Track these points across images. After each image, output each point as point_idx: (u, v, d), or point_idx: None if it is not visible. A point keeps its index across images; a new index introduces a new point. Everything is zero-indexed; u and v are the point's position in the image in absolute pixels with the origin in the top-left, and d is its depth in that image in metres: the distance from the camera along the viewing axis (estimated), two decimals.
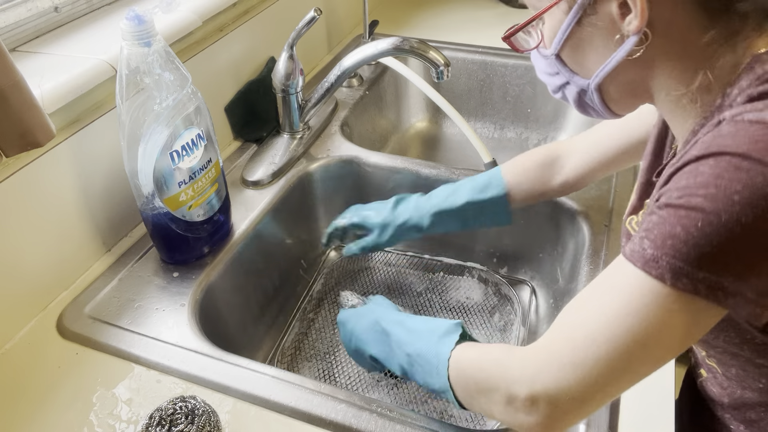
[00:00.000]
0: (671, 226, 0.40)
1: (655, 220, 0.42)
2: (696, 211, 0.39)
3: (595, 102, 0.53)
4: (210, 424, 0.56)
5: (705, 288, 0.39)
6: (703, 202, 0.39)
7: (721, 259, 0.39)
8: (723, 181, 0.38)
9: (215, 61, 0.94)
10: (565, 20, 0.49)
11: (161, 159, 0.68)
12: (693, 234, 0.39)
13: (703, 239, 0.39)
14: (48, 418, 0.60)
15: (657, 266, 0.40)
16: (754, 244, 0.38)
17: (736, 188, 0.38)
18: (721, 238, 0.38)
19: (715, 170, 0.39)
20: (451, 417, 0.77)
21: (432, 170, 0.95)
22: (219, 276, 0.78)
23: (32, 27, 0.77)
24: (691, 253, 0.39)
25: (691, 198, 0.39)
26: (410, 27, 1.42)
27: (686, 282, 0.39)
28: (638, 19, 0.44)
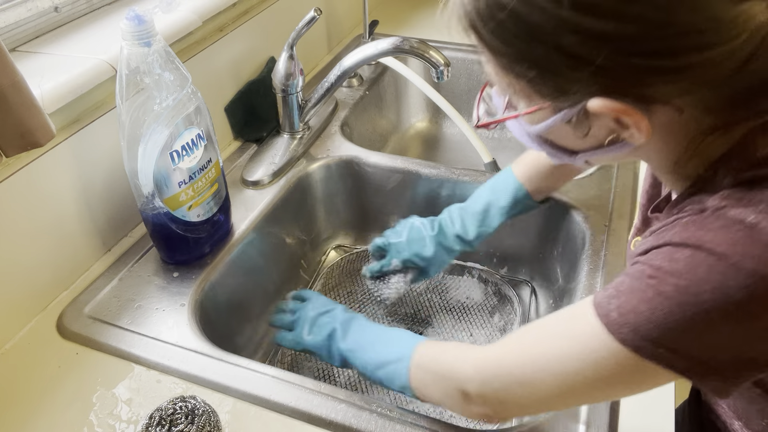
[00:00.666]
0: (638, 301, 0.41)
1: (626, 285, 0.42)
2: (664, 297, 0.39)
3: (578, 164, 0.52)
4: (210, 424, 0.56)
5: (663, 360, 0.40)
6: (672, 291, 0.39)
7: (682, 344, 0.40)
8: (695, 277, 0.39)
9: (215, 61, 0.94)
10: (549, 119, 0.46)
11: (161, 159, 0.68)
12: (658, 317, 0.40)
13: (666, 325, 0.39)
14: (48, 418, 0.60)
15: (619, 331, 0.41)
16: (717, 340, 0.39)
17: (707, 288, 0.38)
18: (684, 329, 0.39)
19: (690, 263, 0.39)
20: (451, 417, 0.77)
21: (432, 170, 0.95)
22: (219, 276, 0.78)
23: (32, 27, 0.77)
24: (653, 333, 0.40)
25: (662, 283, 0.40)
26: (410, 27, 1.42)
27: (644, 351, 0.40)
28: (642, 135, 0.42)
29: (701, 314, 0.38)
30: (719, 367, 0.40)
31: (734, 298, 0.37)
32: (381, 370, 0.62)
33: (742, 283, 0.37)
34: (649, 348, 0.40)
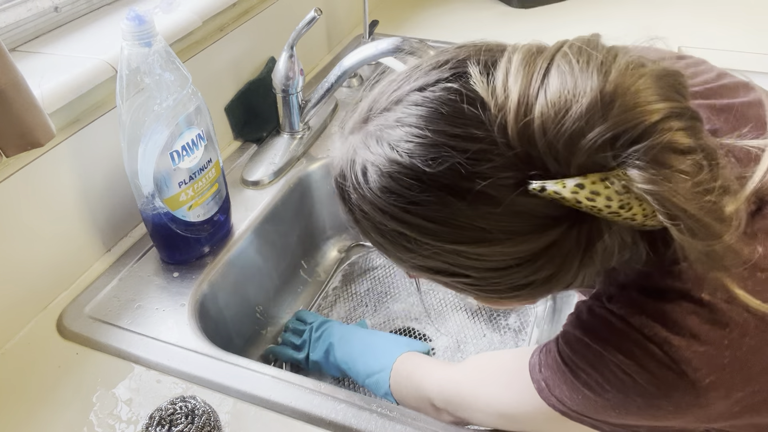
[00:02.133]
0: (560, 382, 0.47)
1: (551, 361, 0.48)
2: (580, 384, 0.45)
3: None
4: (210, 424, 0.56)
5: (588, 423, 0.48)
6: (584, 382, 0.45)
7: (601, 417, 0.46)
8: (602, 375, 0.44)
9: (215, 61, 0.94)
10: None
11: (161, 159, 0.68)
12: (576, 400, 0.46)
13: (585, 407, 0.46)
14: (48, 418, 0.60)
15: (548, 400, 0.48)
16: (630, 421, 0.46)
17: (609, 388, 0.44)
18: (602, 408, 0.45)
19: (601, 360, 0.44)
20: None
21: None
22: (219, 276, 0.78)
23: (32, 27, 0.77)
24: (574, 408, 0.47)
25: (578, 374, 0.45)
26: (410, 27, 1.42)
27: (570, 416, 0.48)
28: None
29: (609, 405, 0.45)
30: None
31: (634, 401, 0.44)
32: (369, 378, 0.72)
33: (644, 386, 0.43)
34: (575, 416, 0.47)
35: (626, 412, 0.44)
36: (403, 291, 0.97)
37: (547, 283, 0.40)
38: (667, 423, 0.45)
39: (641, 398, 0.43)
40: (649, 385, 0.42)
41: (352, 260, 1.03)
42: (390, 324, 0.92)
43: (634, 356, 0.42)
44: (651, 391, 0.42)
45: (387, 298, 0.96)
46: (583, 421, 0.47)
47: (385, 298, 0.96)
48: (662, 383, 0.42)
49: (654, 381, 0.42)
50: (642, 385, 0.42)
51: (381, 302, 0.95)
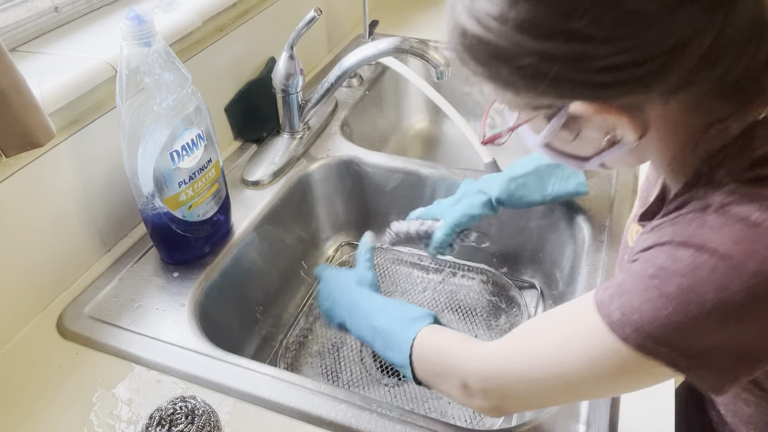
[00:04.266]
0: (641, 301, 0.41)
1: (627, 284, 0.42)
2: (667, 297, 0.40)
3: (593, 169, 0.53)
4: (210, 424, 0.56)
5: (665, 358, 0.41)
6: (675, 291, 0.39)
7: (685, 343, 0.40)
8: (698, 278, 0.39)
9: (215, 61, 0.94)
10: (545, 129, 0.47)
11: (161, 159, 0.68)
12: (660, 318, 0.40)
13: (669, 325, 0.40)
14: (48, 418, 0.60)
15: (622, 331, 0.42)
16: (719, 339, 0.39)
17: (709, 288, 0.38)
18: (687, 328, 0.39)
19: (693, 263, 0.39)
20: (452, 417, 0.77)
21: (432, 170, 0.95)
22: (219, 276, 0.78)
23: (32, 27, 0.77)
24: (656, 332, 0.40)
25: (665, 283, 0.40)
26: (410, 27, 1.42)
27: (647, 350, 0.41)
28: (632, 133, 0.43)
29: (704, 314, 0.38)
30: (720, 365, 0.40)
31: (736, 299, 0.38)
32: (389, 353, 0.62)
33: (744, 283, 0.38)
34: (652, 347, 0.40)
35: (720, 320, 0.38)
36: (397, 289, 0.97)
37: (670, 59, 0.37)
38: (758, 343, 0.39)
39: (744, 293, 0.38)
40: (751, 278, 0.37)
41: (352, 260, 1.03)
42: None
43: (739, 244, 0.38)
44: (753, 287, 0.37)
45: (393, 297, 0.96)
46: (663, 355, 0.40)
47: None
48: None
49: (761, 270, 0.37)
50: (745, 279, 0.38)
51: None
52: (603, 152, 0.47)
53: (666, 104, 0.42)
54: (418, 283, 0.99)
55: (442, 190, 0.95)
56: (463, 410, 0.78)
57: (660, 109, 0.43)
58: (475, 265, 0.99)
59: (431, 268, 1.01)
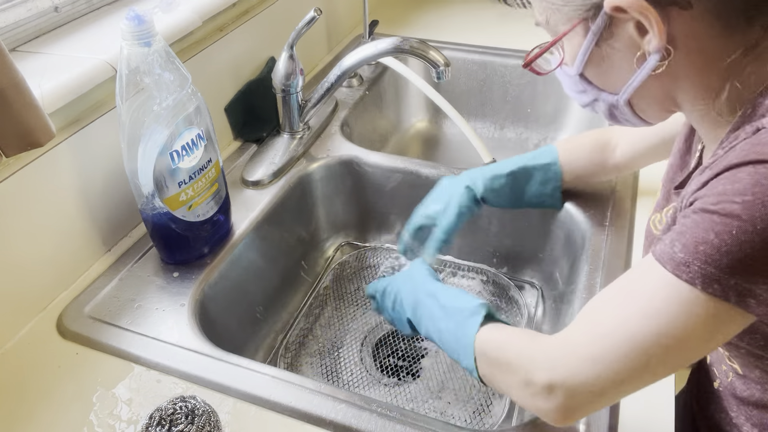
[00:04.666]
0: (705, 231, 0.40)
1: (688, 224, 0.41)
2: (731, 218, 0.39)
3: (627, 114, 0.53)
4: (210, 424, 0.56)
5: (735, 295, 0.39)
6: (739, 209, 0.38)
7: (755, 267, 0.38)
8: (760, 189, 0.38)
9: (215, 61, 0.94)
10: (584, 43, 0.49)
11: (161, 159, 0.68)
12: (726, 241, 0.39)
13: (736, 246, 0.38)
14: (48, 418, 0.60)
15: (688, 270, 0.40)
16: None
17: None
18: (755, 246, 0.38)
19: (753, 178, 0.39)
20: (452, 417, 0.77)
21: (432, 170, 0.95)
22: (219, 276, 0.78)
23: (32, 27, 0.77)
24: (724, 260, 0.39)
25: (727, 205, 0.39)
26: (410, 27, 1.42)
27: (717, 288, 0.39)
28: (657, 38, 0.44)
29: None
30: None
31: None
32: (454, 355, 0.60)
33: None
34: (722, 281, 0.39)
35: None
36: None
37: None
38: None
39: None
40: None
41: (352, 260, 1.03)
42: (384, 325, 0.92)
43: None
44: None
45: None
46: (735, 290, 0.39)
47: None
48: None
49: None
50: None
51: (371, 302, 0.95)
52: (633, 77, 0.48)
53: (693, 19, 0.43)
54: None
55: None
56: (463, 410, 0.78)
57: (687, 25, 0.43)
58: (474, 264, 0.99)
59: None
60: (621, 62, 0.49)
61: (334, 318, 0.93)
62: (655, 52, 0.45)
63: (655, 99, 0.50)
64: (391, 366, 0.85)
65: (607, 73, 0.51)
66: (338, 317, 0.93)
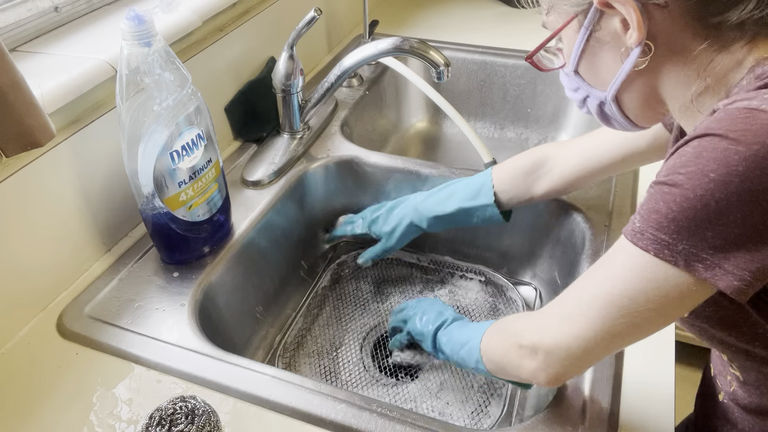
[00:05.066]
0: (655, 201, 0.43)
1: (646, 197, 0.45)
2: (676, 187, 0.42)
3: (615, 113, 0.56)
4: (210, 424, 0.56)
5: (684, 260, 0.42)
6: (682, 179, 0.42)
7: (699, 233, 0.41)
8: (701, 160, 0.41)
9: (215, 61, 0.94)
10: (577, 38, 0.53)
11: (161, 159, 0.68)
12: (672, 209, 0.42)
13: (681, 213, 0.41)
14: (48, 418, 0.60)
15: (642, 238, 0.44)
16: (728, 219, 0.40)
17: (712, 166, 0.40)
18: (697, 213, 0.41)
19: (696, 150, 0.42)
20: (450, 417, 0.77)
21: (432, 170, 0.95)
22: (219, 276, 0.78)
23: (32, 27, 0.77)
24: (671, 227, 0.42)
25: (674, 176, 0.42)
26: (410, 27, 1.42)
27: (667, 253, 0.43)
28: (637, 32, 0.47)
29: (710, 193, 0.40)
30: (735, 261, 0.41)
31: (737, 170, 0.39)
32: (462, 349, 0.65)
33: (742, 154, 0.39)
34: (671, 247, 0.42)
35: (726, 199, 0.40)
36: (395, 290, 0.97)
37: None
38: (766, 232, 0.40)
39: (743, 163, 0.39)
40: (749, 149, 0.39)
41: (354, 259, 1.03)
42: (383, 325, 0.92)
43: (737, 124, 0.41)
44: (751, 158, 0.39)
45: (376, 298, 0.96)
46: (682, 254, 0.42)
47: (375, 298, 0.96)
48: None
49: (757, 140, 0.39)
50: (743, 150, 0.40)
51: (369, 302, 0.96)
52: (619, 72, 0.51)
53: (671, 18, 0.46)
54: (416, 284, 0.99)
55: None
56: (462, 410, 0.78)
57: (666, 22, 0.46)
58: (473, 265, 0.99)
59: (429, 268, 1.01)
60: (609, 58, 0.52)
61: (332, 318, 0.93)
62: (635, 47, 0.48)
63: (640, 95, 0.53)
64: (390, 366, 0.85)
65: (597, 69, 0.54)
66: (337, 317, 0.93)
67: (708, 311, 0.51)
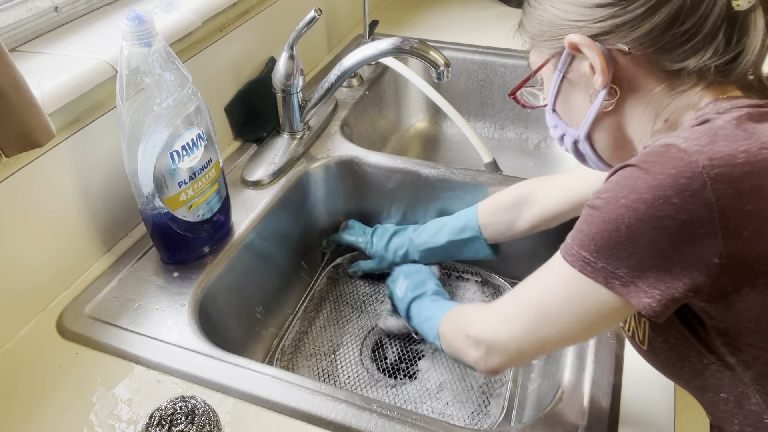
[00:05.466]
0: (582, 222, 0.47)
1: (578, 219, 0.48)
2: (596, 210, 0.46)
3: (588, 152, 0.59)
4: (210, 424, 0.56)
5: (603, 277, 0.46)
6: (601, 203, 0.46)
7: (614, 253, 0.45)
8: (618, 187, 0.45)
9: (215, 61, 0.94)
10: (553, 77, 0.56)
11: (161, 159, 0.68)
12: (592, 230, 0.46)
13: (598, 235, 0.45)
14: (48, 418, 0.60)
15: (571, 253, 0.48)
16: (638, 243, 0.44)
17: (624, 193, 0.44)
18: (611, 235, 0.44)
19: (616, 178, 0.46)
20: (450, 417, 0.77)
21: (432, 170, 0.95)
22: (219, 276, 0.78)
23: (32, 27, 0.77)
24: (591, 246, 0.46)
25: (596, 200, 0.46)
26: (410, 27, 1.42)
27: (589, 270, 0.46)
28: (602, 76, 0.51)
29: (621, 218, 0.44)
30: (648, 281, 0.44)
31: (643, 198, 0.43)
32: (426, 322, 0.74)
33: (649, 183, 0.43)
34: (593, 264, 0.46)
35: (636, 223, 0.43)
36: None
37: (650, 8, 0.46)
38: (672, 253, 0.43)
39: (650, 191, 0.43)
40: (656, 178, 0.43)
41: (342, 260, 1.03)
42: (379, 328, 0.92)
43: (651, 156, 0.45)
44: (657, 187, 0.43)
45: (374, 299, 0.96)
46: (601, 272, 0.45)
47: (372, 299, 0.96)
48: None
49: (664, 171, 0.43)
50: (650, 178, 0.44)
51: (367, 303, 0.96)
52: (589, 111, 0.54)
53: (635, 64, 0.50)
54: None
55: (441, 190, 0.95)
56: (461, 411, 0.78)
57: (631, 68, 0.50)
58: (471, 266, 0.99)
59: None
60: (580, 99, 0.55)
61: (332, 319, 0.93)
62: (601, 89, 0.52)
63: (609, 134, 0.56)
64: (389, 367, 0.85)
65: (571, 109, 0.57)
66: (336, 318, 0.93)
67: (658, 341, 0.53)
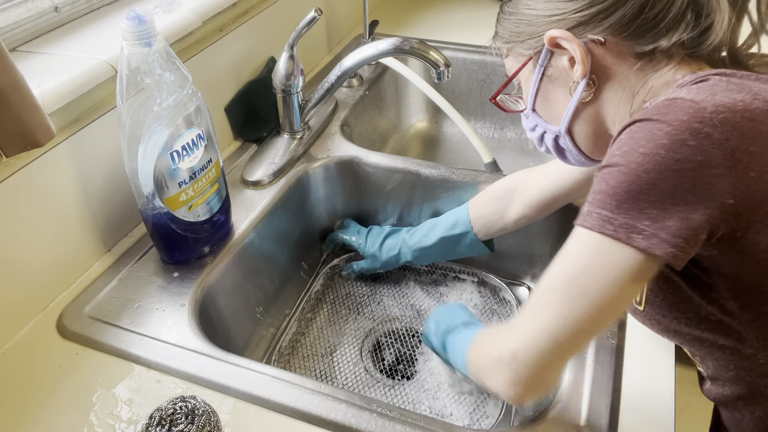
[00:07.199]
0: (598, 183, 0.48)
1: (592, 186, 0.49)
2: (614, 166, 0.46)
3: (569, 146, 0.60)
4: (210, 424, 0.56)
5: (624, 232, 0.45)
6: (618, 158, 0.46)
7: (635, 205, 0.45)
8: (632, 140, 0.46)
9: (215, 61, 0.94)
10: (532, 78, 0.59)
11: (161, 159, 0.68)
12: (611, 185, 0.46)
13: (618, 187, 0.45)
14: (48, 418, 0.60)
15: (589, 218, 0.47)
16: (659, 189, 0.44)
17: (641, 143, 0.45)
18: (632, 185, 0.45)
19: (628, 134, 0.47)
20: (450, 416, 0.77)
21: (432, 170, 0.95)
22: (219, 276, 0.78)
23: (32, 27, 0.77)
24: (612, 202, 0.46)
25: (611, 158, 0.47)
26: (410, 27, 1.42)
27: (610, 228, 0.46)
28: (581, 66, 0.54)
29: (641, 166, 0.44)
30: (670, 230, 0.44)
31: (662, 143, 0.44)
32: (457, 353, 0.66)
33: (665, 129, 0.44)
34: (613, 221, 0.45)
35: (656, 171, 0.44)
36: (390, 292, 0.97)
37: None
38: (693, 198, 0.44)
39: (668, 137, 0.44)
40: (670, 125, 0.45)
41: (342, 260, 1.03)
42: (380, 327, 0.92)
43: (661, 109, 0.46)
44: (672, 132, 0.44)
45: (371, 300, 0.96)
46: (624, 229, 0.45)
47: (369, 300, 0.96)
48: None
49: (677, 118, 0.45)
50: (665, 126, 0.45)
51: (364, 305, 0.96)
52: (569, 104, 0.57)
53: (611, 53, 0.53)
54: (411, 285, 0.99)
55: (441, 190, 0.95)
56: (460, 411, 0.78)
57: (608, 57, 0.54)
58: (467, 268, 0.99)
59: (423, 270, 1.01)
60: (560, 94, 0.58)
61: (331, 319, 0.93)
62: (581, 79, 0.55)
63: (588, 125, 0.58)
64: (387, 368, 0.85)
65: (551, 105, 0.60)
66: (335, 319, 0.93)
67: (657, 301, 0.55)
